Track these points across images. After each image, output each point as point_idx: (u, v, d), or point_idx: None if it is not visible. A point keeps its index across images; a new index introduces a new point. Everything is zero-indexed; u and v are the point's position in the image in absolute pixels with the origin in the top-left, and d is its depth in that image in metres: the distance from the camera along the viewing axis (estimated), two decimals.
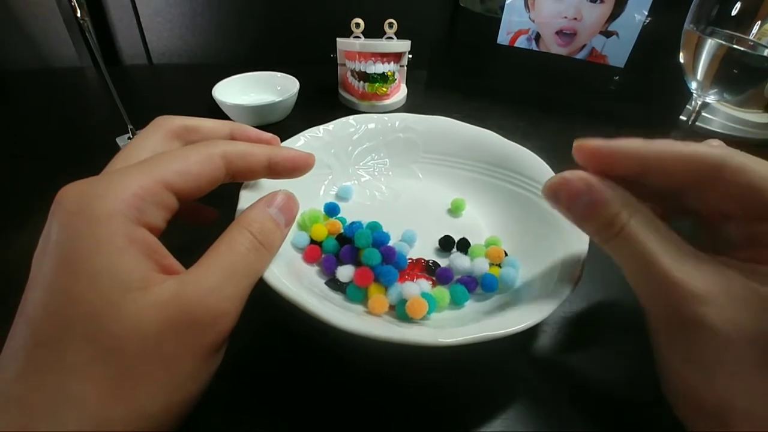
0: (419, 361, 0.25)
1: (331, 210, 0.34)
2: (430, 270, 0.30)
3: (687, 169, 0.19)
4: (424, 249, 0.32)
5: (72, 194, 0.18)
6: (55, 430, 0.15)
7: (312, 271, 0.29)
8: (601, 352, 0.28)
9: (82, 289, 0.16)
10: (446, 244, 0.32)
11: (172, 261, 0.20)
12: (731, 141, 0.30)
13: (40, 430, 0.15)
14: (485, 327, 0.22)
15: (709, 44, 0.40)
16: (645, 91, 0.56)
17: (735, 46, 0.39)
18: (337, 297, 0.27)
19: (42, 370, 0.16)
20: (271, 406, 0.25)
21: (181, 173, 0.21)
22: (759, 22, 0.38)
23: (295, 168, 0.26)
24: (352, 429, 0.24)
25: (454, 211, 0.35)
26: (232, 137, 0.27)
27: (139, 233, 0.19)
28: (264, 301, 0.22)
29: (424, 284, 0.28)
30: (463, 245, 0.32)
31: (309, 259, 0.29)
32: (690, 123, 0.45)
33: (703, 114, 0.55)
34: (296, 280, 0.24)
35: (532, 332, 0.29)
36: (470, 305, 0.28)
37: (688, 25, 0.42)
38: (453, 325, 0.24)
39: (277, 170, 0.25)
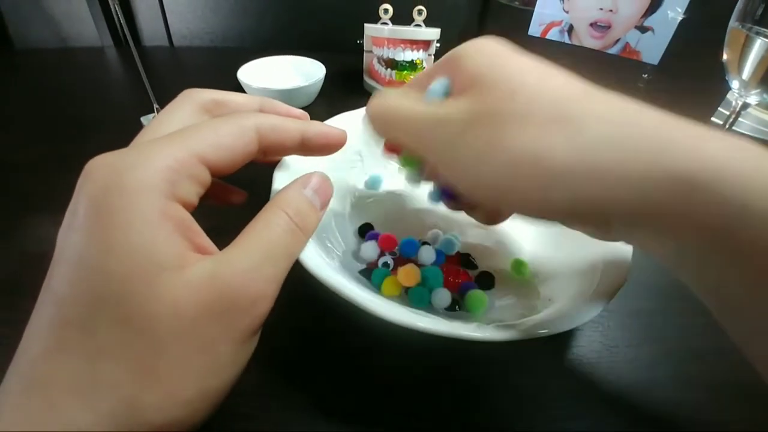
0: (448, 351, 0.24)
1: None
2: (467, 263, 0.29)
3: None
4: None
5: (101, 166, 0.17)
6: (84, 414, 0.14)
7: (341, 258, 0.28)
8: (634, 353, 0.28)
9: (114, 267, 0.15)
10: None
11: (205, 240, 0.19)
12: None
13: (68, 413, 0.14)
14: (530, 325, 0.21)
15: (759, 44, 0.38)
16: (677, 90, 0.54)
17: None
18: (368, 285, 0.27)
19: (70, 350, 0.15)
20: (302, 390, 0.24)
21: (214, 146, 0.19)
22: None
23: (328, 144, 0.25)
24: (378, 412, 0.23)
25: (516, 272, 0.30)
26: (262, 112, 0.26)
27: (172, 208, 0.17)
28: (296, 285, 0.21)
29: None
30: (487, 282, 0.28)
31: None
32: (727, 125, 0.43)
33: None
34: (330, 265, 0.23)
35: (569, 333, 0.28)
36: (507, 302, 0.27)
37: (733, 23, 0.41)
38: (488, 321, 0.23)
39: (309, 146, 0.24)
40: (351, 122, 0.35)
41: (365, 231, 0.30)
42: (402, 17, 0.53)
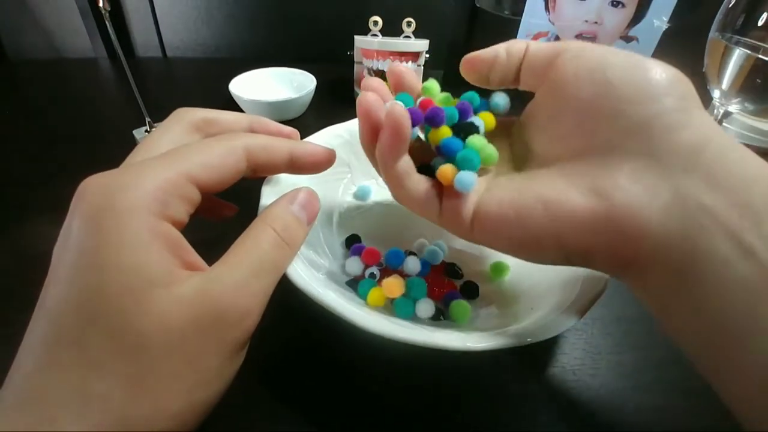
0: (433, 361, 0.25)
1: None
2: (452, 272, 0.30)
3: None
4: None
5: (94, 187, 0.18)
6: (76, 427, 0.15)
7: (328, 269, 0.29)
8: (617, 360, 0.28)
9: (107, 285, 0.16)
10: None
11: (195, 257, 0.19)
12: None
13: (61, 426, 0.15)
14: (513, 334, 0.21)
15: (737, 54, 0.39)
16: None
17: (762, 57, 0.38)
18: (355, 296, 0.27)
19: (64, 365, 0.15)
20: (288, 401, 0.24)
21: (203, 166, 0.20)
22: None
23: (317, 163, 0.26)
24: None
25: (494, 276, 0.31)
26: (252, 130, 0.26)
27: (163, 227, 0.18)
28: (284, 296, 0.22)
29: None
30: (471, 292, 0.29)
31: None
32: None
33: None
34: (316, 277, 0.24)
35: (553, 340, 0.28)
36: (491, 311, 0.27)
37: (713, 34, 0.41)
38: (472, 330, 0.24)
39: (298, 165, 0.25)
40: (340, 134, 0.35)
41: (352, 243, 0.31)
42: (392, 29, 0.54)
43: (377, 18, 0.53)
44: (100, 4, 0.38)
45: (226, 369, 0.19)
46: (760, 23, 0.39)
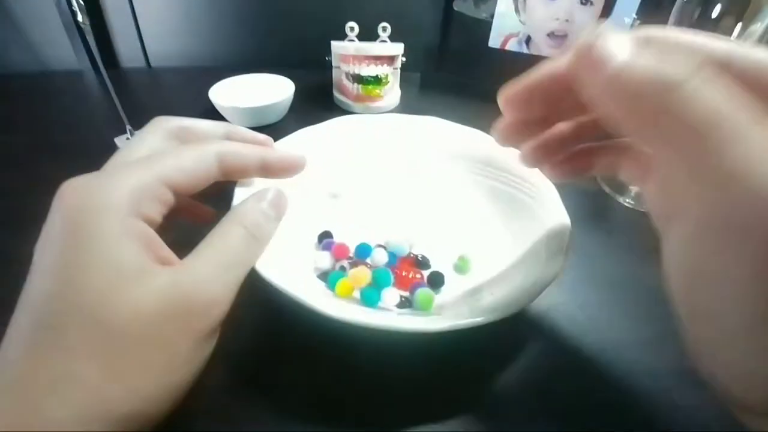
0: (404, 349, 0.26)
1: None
2: (420, 263, 0.31)
3: None
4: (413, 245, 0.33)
5: (73, 188, 0.19)
6: (57, 406, 0.16)
7: (299, 262, 0.30)
8: (589, 341, 0.29)
9: (84, 277, 0.18)
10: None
11: (167, 252, 0.21)
12: None
13: (42, 406, 0.16)
14: (475, 312, 0.23)
15: None
16: None
17: None
18: (325, 288, 0.28)
19: (44, 349, 0.17)
20: (263, 391, 0.25)
21: (177, 169, 0.22)
22: (740, 24, 0.39)
23: (287, 168, 0.27)
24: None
25: (461, 267, 0.32)
26: (228, 138, 0.28)
27: (137, 225, 0.20)
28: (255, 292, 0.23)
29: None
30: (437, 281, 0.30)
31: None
32: None
33: None
34: (286, 271, 0.25)
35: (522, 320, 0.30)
36: (455, 300, 0.29)
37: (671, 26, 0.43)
38: (446, 312, 0.25)
39: (270, 170, 0.26)
40: (314, 135, 0.37)
41: (324, 238, 0.32)
42: (369, 33, 0.55)
43: (353, 24, 0.55)
44: (79, 19, 0.39)
45: (196, 355, 0.20)
46: (714, 15, 0.40)
